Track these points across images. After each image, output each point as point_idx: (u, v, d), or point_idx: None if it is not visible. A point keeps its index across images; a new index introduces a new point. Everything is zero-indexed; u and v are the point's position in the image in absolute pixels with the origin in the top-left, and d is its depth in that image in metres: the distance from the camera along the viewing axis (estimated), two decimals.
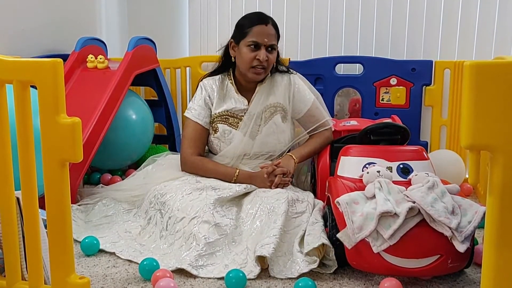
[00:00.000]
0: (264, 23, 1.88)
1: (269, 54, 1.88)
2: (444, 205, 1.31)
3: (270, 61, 1.89)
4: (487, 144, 0.87)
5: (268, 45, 1.87)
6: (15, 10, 2.24)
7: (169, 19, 2.97)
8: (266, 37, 1.86)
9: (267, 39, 1.86)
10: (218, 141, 1.95)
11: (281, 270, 1.42)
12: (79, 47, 2.32)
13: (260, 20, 1.89)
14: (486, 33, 2.44)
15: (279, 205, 1.59)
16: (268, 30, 1.88)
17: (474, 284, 1.37)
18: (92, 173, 2.43)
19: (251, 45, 1.87)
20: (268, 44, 1.87)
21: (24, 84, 1.06)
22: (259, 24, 1.87)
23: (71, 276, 1.08)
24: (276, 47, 1.91)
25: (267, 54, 1.87)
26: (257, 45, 1.86)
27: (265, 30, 1.87)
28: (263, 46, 1.86)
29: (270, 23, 1.89)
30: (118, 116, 2.19)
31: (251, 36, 1.87)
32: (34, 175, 1.09)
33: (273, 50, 1.90)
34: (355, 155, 1.64)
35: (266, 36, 1.86)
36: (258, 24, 1.87)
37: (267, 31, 1.87)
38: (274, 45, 1.89)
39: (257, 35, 1.86)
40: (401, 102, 2.46)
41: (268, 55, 1.87)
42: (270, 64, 1.90)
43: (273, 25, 1.90)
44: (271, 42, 1.87)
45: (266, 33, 1.87)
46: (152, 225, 1.69)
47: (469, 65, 0.86)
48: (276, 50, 1.92)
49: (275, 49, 1.91)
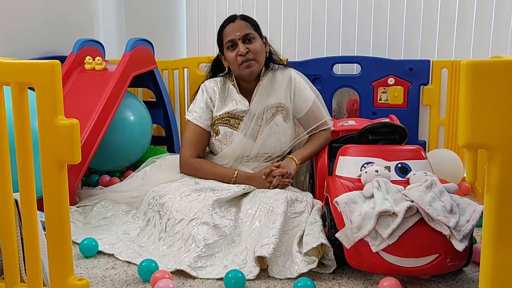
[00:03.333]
0: (231, 21, 1.91)
1: (249, 45, 1.88)
2: (443, 204, 1.32)
3: (254, 50, 1.88)
4: (484, 142, 0.88)
5: (242, 37, 1.88)
6: (13, 12, 2.24)
7: (166, 20, 2.97)
8: (237, 31, 1.88)
9: (239, 32, 1.88)
10: (220, 143, 1.95)
11: (280, 270, 1.42)
12: (76, 49, 2.32)
13: (227, 21, 1.93)
14: (483, 32, 2.45)
15: (278, 205, 1.60)
16: (237, 24, 1.89)
17: (473, 282, 1.37)
18: (90, 175, 2.42)
19: (229, 46, 1.90)
20: (241, 36, 1.87)
21: (22, 85, 1.06)
22: (227, 24, 1.91)
23: (70, 278, 1.08)
24: (255, 36, 1.90)
25: (246, 46, 1.87)
26: (233, 43, 1.89)
27: (233, 26, 1.89)
28: (238, 40, 1.87)
29: (238, 18, 1.91)
30: (116, 117, 2.19)
31: (225, 38, 1.91)
32: (32, 177, 1.09)
33: (252, 39, 1.89)
34: (353, 154, 1.64)
35: (237, 30, 1.88)
36: (227, 25, 1.91)
37: (236, 25, 1.89)
38: (250, 34, 1.89)
39: (228, 33, 1.89)
40: (399, 101, 2.46)
41: (248, 46, 1.87)
42: (256, 54, 1.89)
43: (242, 18, 1.92)
44: (244, 33, 1.88)
45: (236, 28, 1.89)
46: (151, 227, 1.69)
47: (466, 64, 0.87)
48: (257, 39, 1.91)
49: (254, 38, 1.90)
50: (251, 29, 1.90)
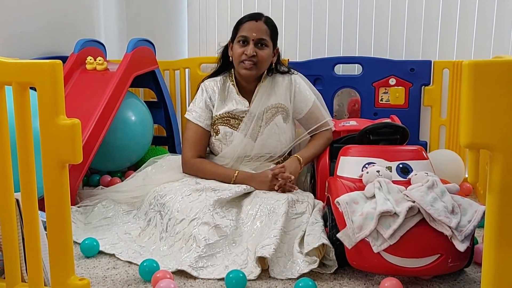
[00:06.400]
0: (254, 19, 1.89)
1: (259, 50, 1.87)
2: (444, 205, 1.32)
3: (260, 57, 1.87)
4: (486, 142, 0.88)
5: (256, 40, 1.86)
6: (14, 12, 2.24)
7: (168, 20, 2.97)
8: (255, 32, 1.86)
9: (256, 34, 1.86)
10: (220, 143, 1.95)
11: (281, 270, 1.42)
12: (78, 49, 2.32)
13: (251, 17, 1.91)
14: (484, 33, 2.45)
15: (279, 206, 1.59)
16: (258, 25, 1.88)
17: (474, 283, 1.37)
18: (91, 175, 2.42)
19: (240, 40, 1.89)
20: (256, 39, 1.86)
21: (23, 85, 1.06)
22: (250, 20, 1.89)
23: (71, 278, 1.08)
24: (268, 44, 1.89)
25: (256, 50, 1.86)
26: (245, 40, 1.88)
27: (254, 25, 1.88)
28: (251, 40, 1.86)
29: (262, 20, 1.89)
30: (118, 117, 2.19)
31: (240, 31, 1.89)
32: (33, 176, 1.09)
33: (264, 46, 1.88)
34: (354, 155, 1.64)
35: (255, 31, 1.87)
36: (249, 21, 1.89)
37: (256, 26, 1.88)
38: (264, 40, 1.88)
39: (246, 30, 1.88)
40: (400, 102, 2.46)
41: (257, 51, 1.87)
42: (260, 60, 1.88)
43: (265, 22, 1.90)
44: (260, 37, 1.87)
45: (255, 28, 1.87)
46: (152, 227, 1.69)
47: (467, 64, 0.87)
48: (269, 47, 1.90)
49: (266, 46, 1.89)
50: (268, 36, 1.89)
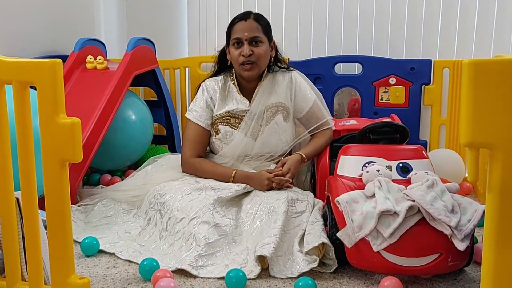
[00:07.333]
0: (243, 19, 1.89)
1: (254, 48, 1.87)
2: (444, 204, 1.32)
3: (257, 54, 1.87)
4: (486, 142, 0.88)
5: (249, 39, 1.86)
6: (14, 11, 2.24)
7: (168, 19, 2.97)
8: (247, 31, 1.86)
9: (248, 33, 1.86)
10: (220, 142, 1.95)
11: (281, 269, 1.42)
12: (78, 48, 2.32)
13: (239, 17, 1.90)
14: (484, 32, 2.45)
15: (279, 205, 1.60)
16: (248, 24, 1.87)
17: (474, 282, 1.37)
18: (91, 174, 2.42)
19: (234, 42, 1.89)
20: (249, 38, 1.86)
21: (23, 84, 1.06)
22: (239, 21, 1.89)
23: (71, 277, 1.08)
24: (263, 40, 1.88)
25: (251, 48, 1.86)
26: (239, 41, 1.87)
27: (245, 25, 1.87)
28: (245, 40, 1.86)
29: (251, 18, 1.89)
30: (118, 116, 2.19)
31: (233, 34, 1.89)
32: (33, 175, 1.09)
33: (258, 43, 1.88)
34: (354, 154, 1.64)
35: (247, 30, 1.86)
36: (239, 22, 1.89)
37: (247, 25, 1.87)
38: (258, 38, 1.87)
39: (237, 31, 1.88)
40: (400, 101, 2.46)
41: (253, 49, 1.86)
42: (259, 58, 1.87)
43: (255, 19, 1.89)
44: (252, 35, 1.86)
45: (246, 28, 1.87)
46: (152, 226, 1.69)
47: (467, 63, 0.87)
48: (264, 43, 1.89)
49: (261, 42, 1.88)
50: (261, 32, 1.88)
